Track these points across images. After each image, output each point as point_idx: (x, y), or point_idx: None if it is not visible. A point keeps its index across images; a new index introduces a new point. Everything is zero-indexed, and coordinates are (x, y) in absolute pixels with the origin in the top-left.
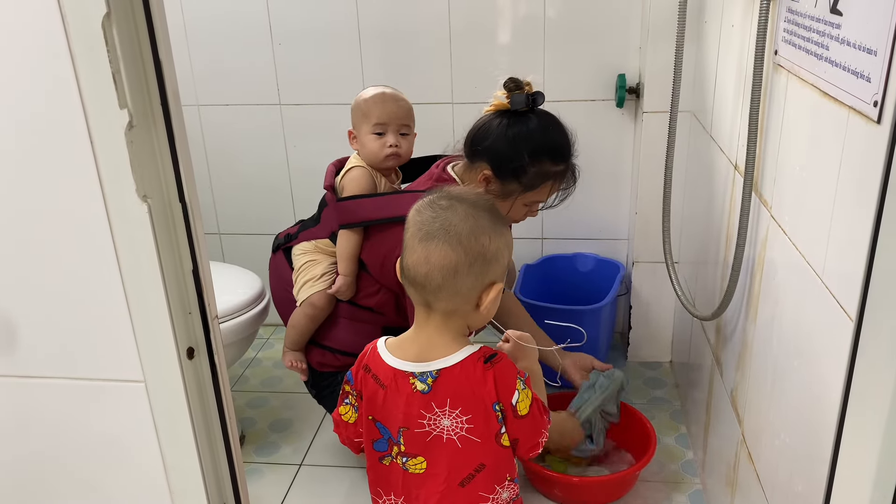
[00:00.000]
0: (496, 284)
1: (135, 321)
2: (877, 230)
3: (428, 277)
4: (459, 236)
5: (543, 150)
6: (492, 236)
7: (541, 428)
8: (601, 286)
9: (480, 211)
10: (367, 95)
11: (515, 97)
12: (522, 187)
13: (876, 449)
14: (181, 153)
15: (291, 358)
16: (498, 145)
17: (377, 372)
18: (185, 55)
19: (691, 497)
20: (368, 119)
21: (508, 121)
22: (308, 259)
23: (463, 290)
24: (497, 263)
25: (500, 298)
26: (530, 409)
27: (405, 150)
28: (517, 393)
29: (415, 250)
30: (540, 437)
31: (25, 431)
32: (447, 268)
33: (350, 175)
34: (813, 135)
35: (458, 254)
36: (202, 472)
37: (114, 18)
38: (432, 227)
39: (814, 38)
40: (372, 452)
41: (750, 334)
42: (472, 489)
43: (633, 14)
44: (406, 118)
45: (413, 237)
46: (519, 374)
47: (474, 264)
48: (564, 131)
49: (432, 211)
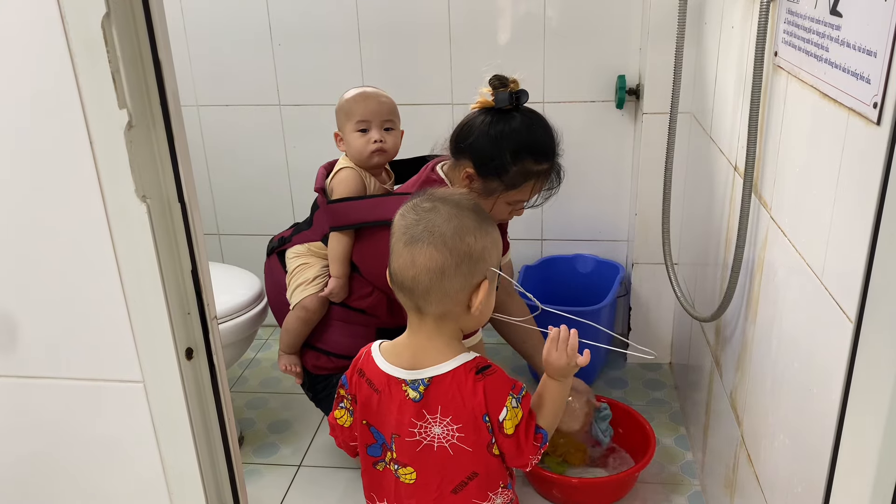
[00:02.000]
0: (484, 283)
1: (134, 321)
2: (876, 232)
3: (416, 281)
4: (444, 237)
5: (526, 149)
6: (477, 235)
7: (527, 454)
8: (601, 287)
9: (464, 211)
10: (348, 96)
11: (499, 95)
12: (504, 186)
13: (875, 450)
14: (180, 153)
15: (286, 362)
16: (480, 143)
17: (371, 377)
18: (184, 55)
19: (690, 498)
20: (351, 118)
21: (492, 118)
22: (301, 262)
23: (452, 291)
24: (484, 263)
25: (493, 298)
26: (515, 431)
27: (391, 146)
28: (505, 410)
29: (400, 255)
30: (527, 461)
31: (24, 431)
32: (434, 270)
33: (339, 177)
34: (812, 136)
35: (444, 255)
36: (201, 472)
37: (113, 18)
38: (416, 231)
39: (814, 39)
40: (366, 457)
41: (749, 336)
42: (465, 496)
43: (633, 15)
44: (389, 113)
45: (398, 241)
46: (513, 391)
47: (461, 265)
48: (549, 130)
49: (415, 214)
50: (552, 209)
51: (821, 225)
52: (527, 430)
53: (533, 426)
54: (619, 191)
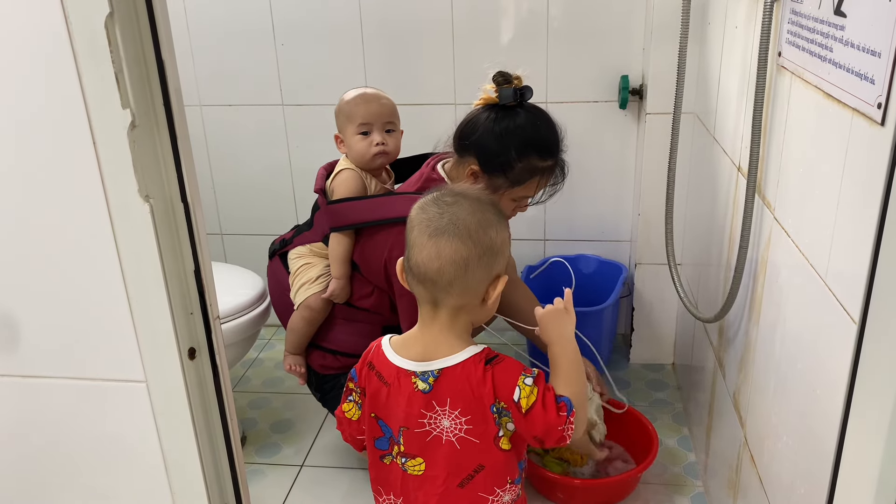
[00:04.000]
0: (502, 277)
1: (136, 321)
2: (880, 232)
3: (440, 272)
4: (469, 230)
5: (531, 145)
6: (498, 229)
7: (555, 426)
8: (604, 288)
9: (485, 205)
10: (348, 98)
11: (503, 91)
12: (509, 182)
13: (879, 452)
14: (183, 153)
15: (291, 362)
16: (485, 140)
17: (381, 369)
18: (187, 55)
19: (693, 499)
20: (352, 120)
21: (496, 115)
22: (303, 262)
23: (473, 283)
24: (502, 256)
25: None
26: (532, 408)
27: (392, 147)
28: (518, 389)
29: (424, 247)
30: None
31: (27, 430)
32: (459, 262)
33: (339, 178)
34: (816, 137)
35: (469, 247)
36: (203, 472)
37: (117, 18)
38: (441, 223)
39: (817, 39)
40: (373, 450)
41: (752, 336)
42: (471, 490)
43: (636, 15)
44: (390, 115)
45: (421, 234)
46: (525, 371)
47: (483, 257)
48: (553, 126)
49: (438, 207)
50: (555, 209)
51: (824, 226)
52: (545, 402)
53: (552, 397)
54: (622, 191)
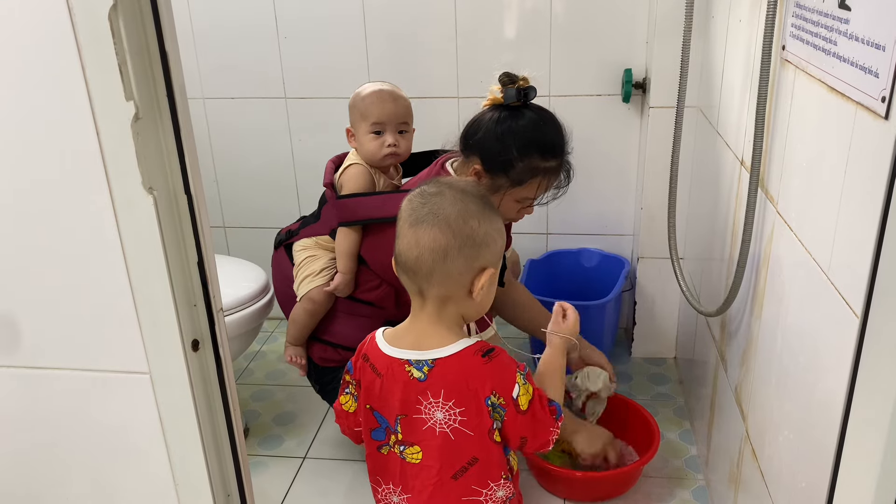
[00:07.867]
0: (488, 270)
1: (140, 313)
2: (883, 227)
3: (419, 261)
4: (448, 219)
5: (533, 146)
6: (480, 220)
7: (547, 426)
8: (606, 282)
9: (469, 196)
10: (364, 93)
11: (507, 91)
12: (510, 182)
13: (880, 446)
14: (187, 146)
15: (292, 353)
16: (487, 139)
17: (374, 361)
18: (190, 48)
19: (695, 493)
20: (366, 119)
21: (500, 115)
22: (308, 255)
23: (454, 273)
24: (487, 249)
25: (495, 288)
26: (530, 406)
27: (404, 149)
28: (517, 386)
29: (405, 235)
30: (549, 436)
31: (31, 422)
32: (437, 250)
33: (348, 173)
34: (820, 130)
35: (447, 236)
36: (206, 464)
37: (120, 10)
38: (421, 213)
39: (822, 33)
40: (370, 441)
41: (755, 330)
42: (464, 482)
43: (639, 9)
44: (405, 116)
45: (404, 223)
46: (518, 368)
47: (464, 247)
48: (558, 127)
49: (421, 198)
50: (557, 203)
51: (827, 220)
52: (541, 402)
53: (545, 398)
54: (625, 185)
